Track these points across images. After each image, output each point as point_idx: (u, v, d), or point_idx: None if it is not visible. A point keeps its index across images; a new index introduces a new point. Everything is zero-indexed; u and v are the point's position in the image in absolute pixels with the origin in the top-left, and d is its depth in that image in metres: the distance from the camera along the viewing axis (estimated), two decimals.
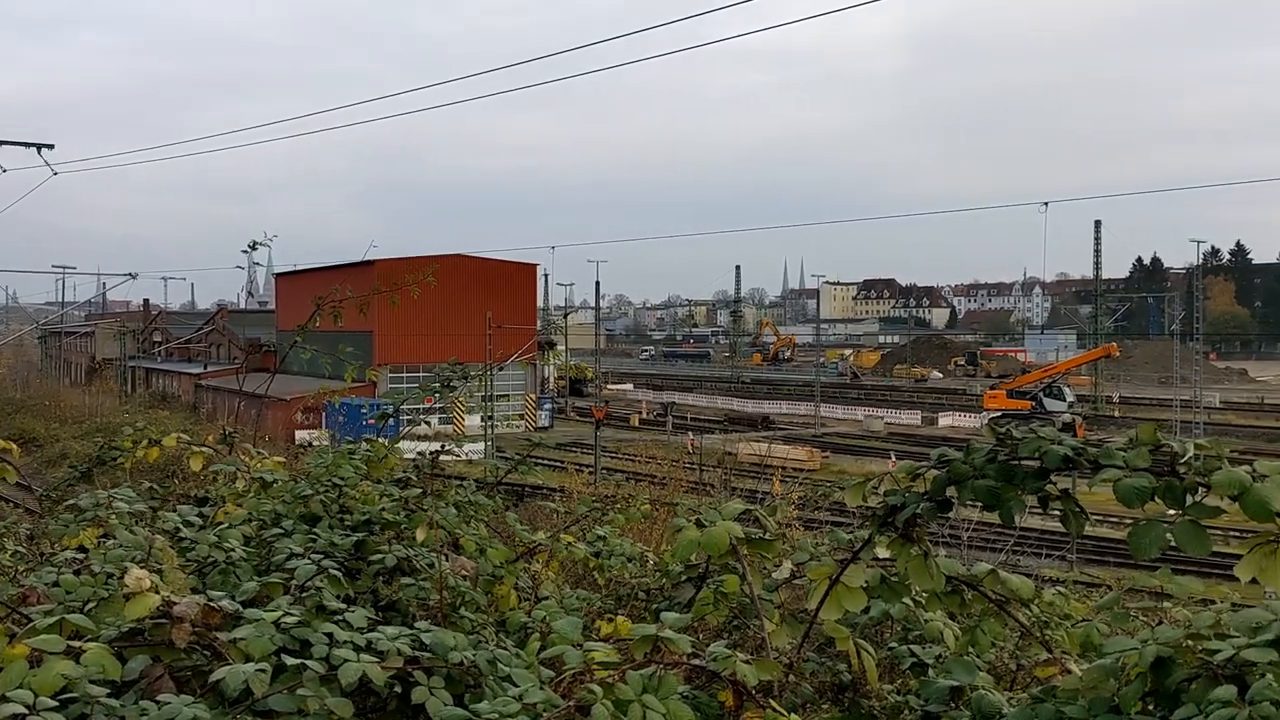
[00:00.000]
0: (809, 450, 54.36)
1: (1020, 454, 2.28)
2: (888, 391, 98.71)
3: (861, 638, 4.54)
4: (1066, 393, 71.05)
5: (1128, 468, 2.08)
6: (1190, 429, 47.36)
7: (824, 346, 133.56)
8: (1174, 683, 1.81)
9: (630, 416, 75.88)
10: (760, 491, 25.76)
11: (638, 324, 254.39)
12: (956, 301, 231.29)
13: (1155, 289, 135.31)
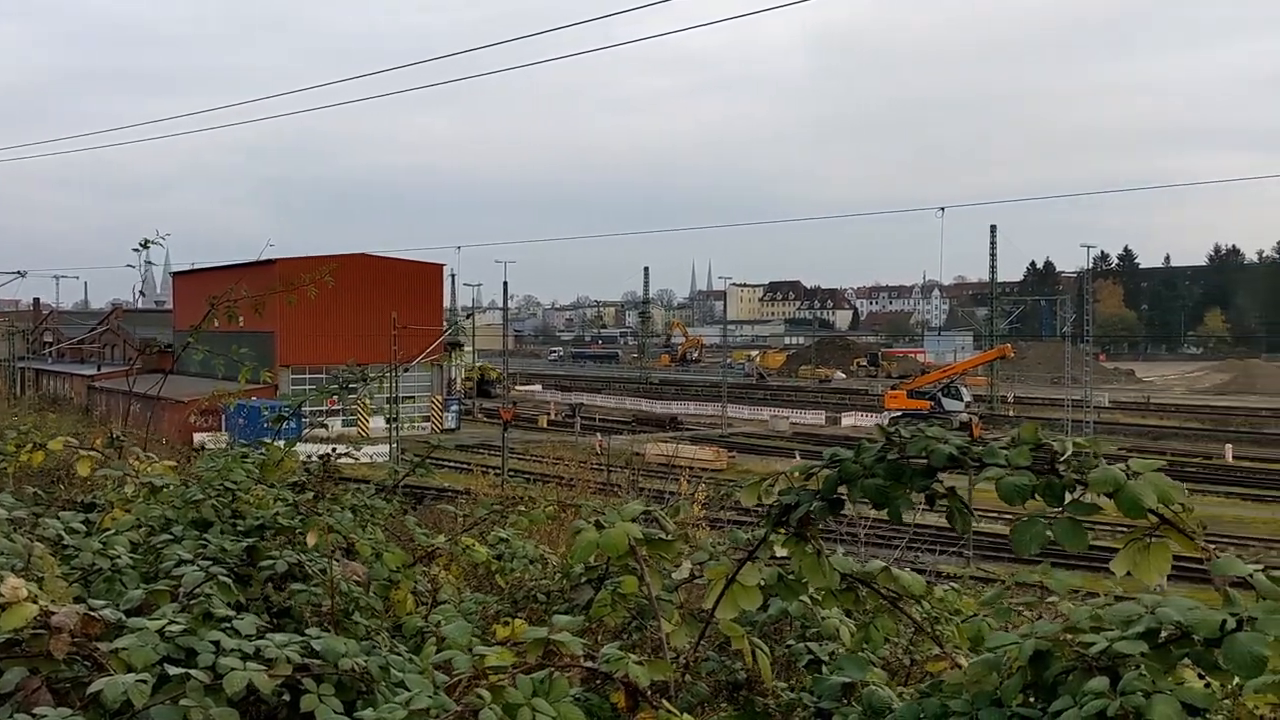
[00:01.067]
0: (716, 450, 54.81)
1: (908, 453, 2.32)
2: (793, 392, 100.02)
3: (761, 636, 4.59)
4: (964, 393, 72.89)
5: (1010, 466, 2.13)
6: (1081, 428, 48.96)
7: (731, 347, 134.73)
8: (1052, 675, 1.87)
9: (538, 418, 75.58)
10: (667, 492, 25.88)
11: (546, 325, 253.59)
12: (859, 304, 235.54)
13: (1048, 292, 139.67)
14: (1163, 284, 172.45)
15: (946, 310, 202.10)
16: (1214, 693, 1.80)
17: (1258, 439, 64.75)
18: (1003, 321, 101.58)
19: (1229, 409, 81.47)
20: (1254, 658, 1.64)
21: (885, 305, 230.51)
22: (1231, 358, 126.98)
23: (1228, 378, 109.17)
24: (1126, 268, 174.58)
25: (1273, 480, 49.86)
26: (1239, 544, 35.34)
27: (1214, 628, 1.70)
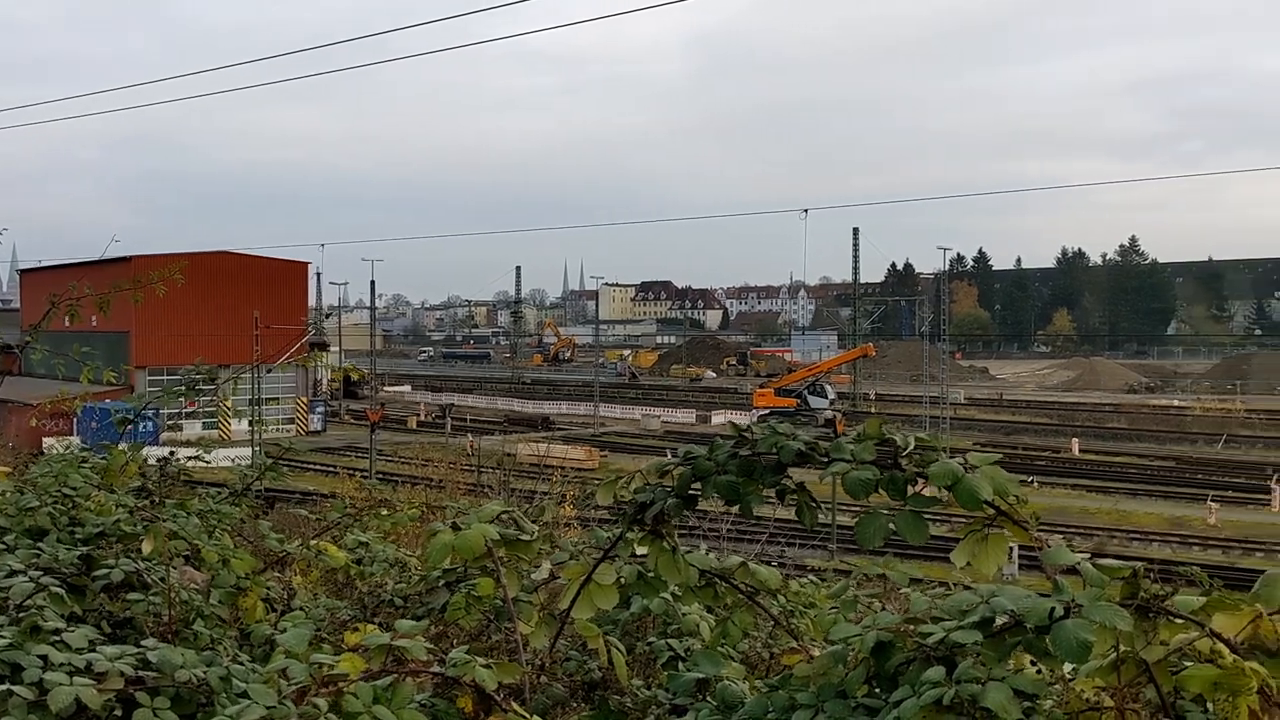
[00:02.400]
0: (588, 449, 54.91)
1: (759, 450, 2.35)
2: (665, 391, 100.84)
3: (624, 634, 4.60)
4: (829, 390, 74.74)
5: (855, 461, 2.17)
6: (938, 424, 50.72)
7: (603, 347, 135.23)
8: (893, 666, 1.91)
9: (408, 419, 74.43)
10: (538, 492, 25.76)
11: (416, 324, 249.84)
12: (729, 304, 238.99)
13: (908, 293, 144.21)
14: (1014, 285, 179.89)
15: (813, 310, 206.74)
16: (1045, 679, 1.86)
17: (1101, 433, 68.15)
18: (865, 321, 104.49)
19: (1075, 405, 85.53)
20: (1080, 643, 1.70)
21: (754, 305, 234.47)
22: (1077, 356, 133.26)
23: (1074, 375, 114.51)
24: (981, 269, 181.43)
25: (1114, 473, 52.52)
26: (1084, 533, 37.16)
27: (1043, 616, 1.76)
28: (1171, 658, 1.95)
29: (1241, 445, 63.29)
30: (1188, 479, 50.11)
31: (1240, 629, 1.84)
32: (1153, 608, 1.84)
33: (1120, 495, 45.91)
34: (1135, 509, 42.99)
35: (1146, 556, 30.71)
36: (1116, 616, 1.72)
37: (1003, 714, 1.68)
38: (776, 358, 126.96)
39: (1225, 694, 1.75)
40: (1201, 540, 36.31)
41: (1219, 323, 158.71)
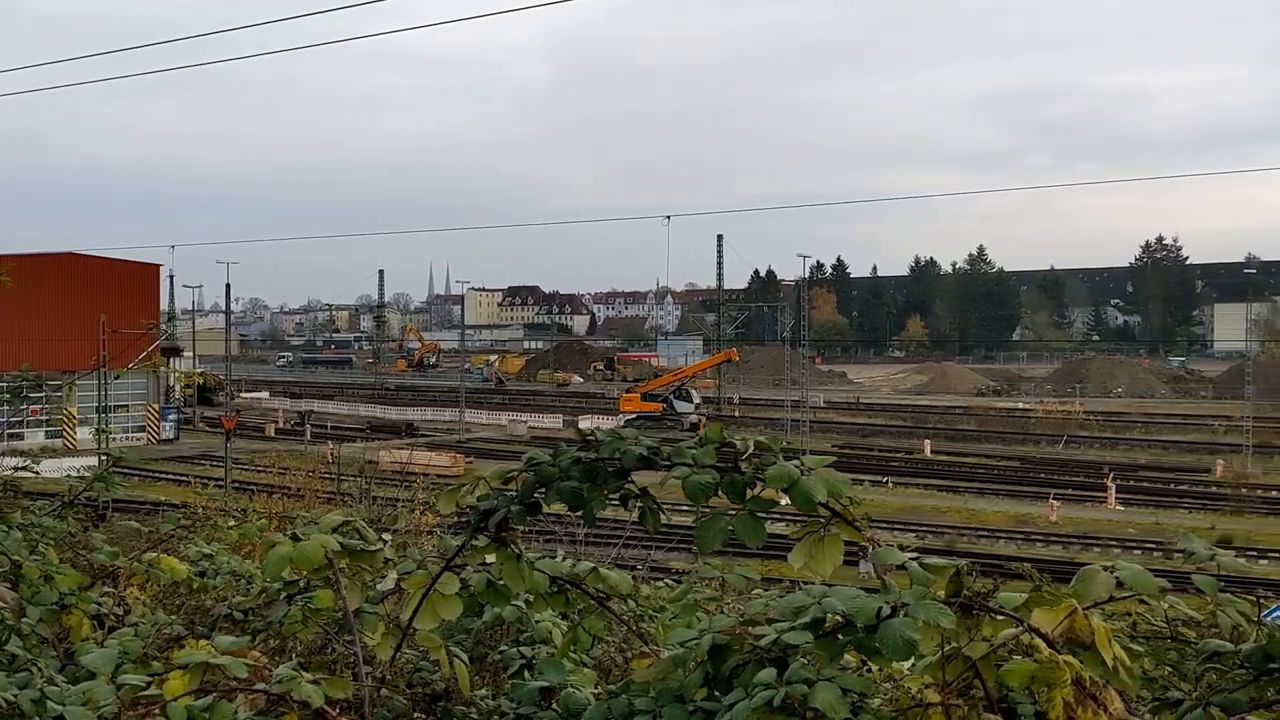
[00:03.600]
0: (453, 456, 54.24)
1: (602, 455, 2.34)
2: (532, 396, 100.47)
3: (476, 643, 4.53)
4: (694, 395, 75.73)
5: (696, 465, 2.18)
6: (799, 427, 51.85)
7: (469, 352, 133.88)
8: (729, 668, 1.92)
9: (266, 426, 72.29)
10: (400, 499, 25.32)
11: (275, 329, 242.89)
12: (596, 309, 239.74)
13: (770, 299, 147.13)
14: (871, 292, 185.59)
15: (679, 316, 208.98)
16: (873, 678, 1.90)
17: (951, 435, 70.81)
18: (729, 327, 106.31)
19: (927, 407, 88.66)
20: (905, 641, 1.74)
21: (621, 311, 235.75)
22: (930, 360, 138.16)
23: (926, 379, 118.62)
24: (839, 277, 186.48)
25: (964, 472, 54.61)
26: (936, 531, 38.51)
27: (871, 615, 1.79)
28: (1001, 651, 2.01)
29: (1080, 445, 66.57)
30: (1031, 478, 52.45)
31: (1057, 624, 1.91)
32: (975, 605, 1.89)
33: (969, 494, 47.75)
34: (983, 507, 44.77)
35: (993, 553, 32.03)
36: (940, 614, 1.77)
37: (831, 713, 1.71)
38: (643, 363, 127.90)
39: (1042, 687, 1.81)
40: (1044, 536, 38.03)
41: (1060, 329, 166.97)
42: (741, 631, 1.95)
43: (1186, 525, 39.36)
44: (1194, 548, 2.23)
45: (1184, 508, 44.89)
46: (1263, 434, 62.54)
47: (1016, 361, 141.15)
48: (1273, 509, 44.23)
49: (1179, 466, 57.33)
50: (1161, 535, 35.12)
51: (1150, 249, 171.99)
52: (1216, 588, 2.22)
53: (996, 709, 1.98)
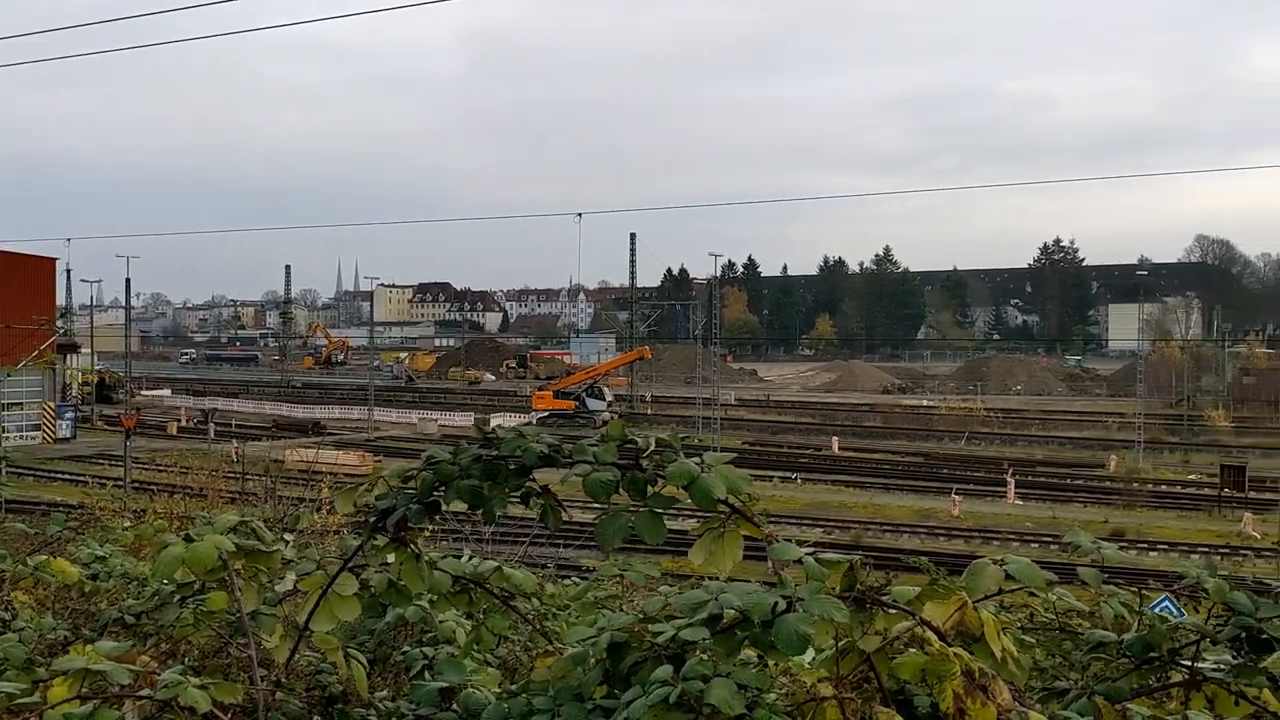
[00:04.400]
0: (361, 455, 53.45)
1: (503, 453, 2.32)
2: (443, 394, 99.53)
3: (379, 644, 4.46)
4: (606, 393, 75.81)
5: (597, 462, 2.18)
6: (710, 424, 52.24)
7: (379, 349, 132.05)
8: (627, 666, 1.92)
9: (167, 424, 70.45)
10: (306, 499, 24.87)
11: (178, 325, 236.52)
12: (509, 306, 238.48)
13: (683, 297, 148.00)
14: (781, 291, 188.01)
15: (592, 314, 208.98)
16: (770, 673, 1.91)
17: (858, 432, 72.07)
18: (642, 325, 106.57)
19: (835, 405, 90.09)
20: (800, 636, 1.76)
21: (534, 308, 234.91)
22: (838, 359, 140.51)
23: (834, 377, 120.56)
24: (750, 276, 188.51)
25: (870, 468, 55.65)
26: (842, 526, 39.17)
27: (767, 610, 1.81)
28: (897, 644, 2.05)
29: (981, 442, 68.30)
30: (934, 474, 53.64)
31: (948, 617, 1.95)
32: (869, 599, 1.92)
33: (875, 490, 48.66)
34: (889, 502, 45.65)
35: (897, 547, 32.70)
36: (834, 609, 1.79)
37: (725, 709, 1.72)
38: (556, 360, 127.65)
39: (933, 679, 1.85)
40: (946, 531, 38.92)
41: (963, 328, 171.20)
42: (640, 629, 1.95)
43: (1081, 519, 40.68)
44: (1080, 541, 2.30)
45: (1079, 502, 46.34)
46: (1153, 430, 64.96)
47: (921, 360, 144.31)
48: (1162, 503, 45.94)
49: (1075, 462, 59.19)
50: (1058, 529, 36.19)
51: (1048, 251, 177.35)
52: (1100, 580, 2.29)
53: (891, 701, 2.01)
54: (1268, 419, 64.63)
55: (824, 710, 1.85)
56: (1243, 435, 68.35)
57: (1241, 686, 2.26)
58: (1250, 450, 58.54)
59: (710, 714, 1.74)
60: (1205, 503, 45.44)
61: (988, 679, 1.94)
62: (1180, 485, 51.14)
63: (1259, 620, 2.19)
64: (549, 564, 15.25)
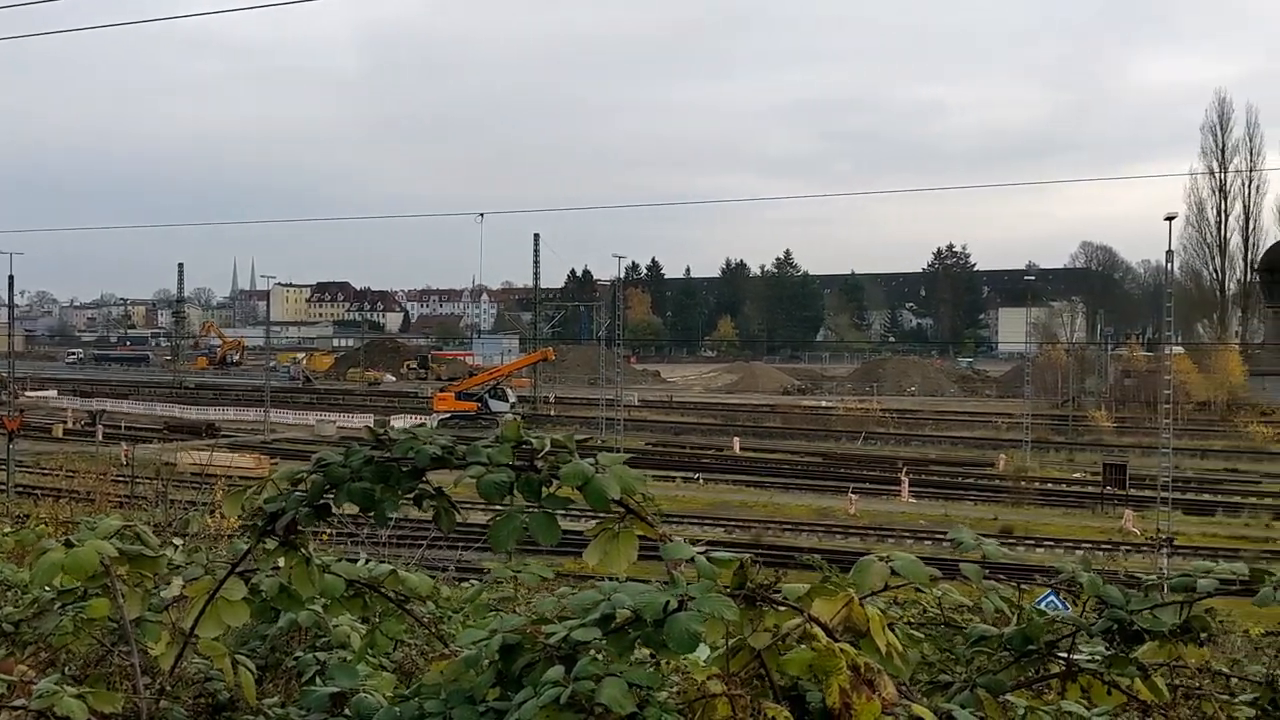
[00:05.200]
0: (256, 457, 52.22)
1: (395, 454, 2.30)
2: (341, 395, 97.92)
3: (272, 649, 4.36)
4: (509, 394, 75.44)
5: (491, 464, 2.17)
6: (614, 425, 52.35)
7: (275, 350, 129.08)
8: (519, 667, 1.92)
9: (53, 426, 67.88)
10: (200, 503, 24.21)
11: (64, 324, 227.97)
12: (410, 306, 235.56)
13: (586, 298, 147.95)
14: (684, 293, 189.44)
15: (495, 314, 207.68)
16: (662, 671, 1.93)
17: (759, 432, 73.01)
18: (546, 326, 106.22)
19: (737, 406, 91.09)
20: (690, 635, 1.78)
21: (436, 309, 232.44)
22: (739, 360, 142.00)
23: (736, 378, 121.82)
24: (654, 278, 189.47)
25: (770, 468, 56.42)
26: (743, 525, 39.62)
27: (659, 609, 1.83)
28: (790, 641, 2.08)
29: (877, 442, 69.76)
30: (832, 473, 54.63)
31: (835, 613, 2.00)
32: (758, 596, 1.95)
33: (775, 489, 49.33)
34: (788, 501, 46.32)
35: (796, 545, 33.19)
36: (724, 606, 1.82)
37: (616, 708, 1.73)
38: (458, 361, 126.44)
39: (820, 674, 1.89)
40: (843, 529, 39.66)
41: (860, 330, 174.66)
42: (533, 630, 1.96)
43: (972, 517, 41.85)
44: (962, 538, 2.37)
45: (970, 500, 47.66)
46: (1039, 430, 67.15)
47: (820, 361, 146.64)
48: (1048, 500, 47.52)
49: (966, 461, 60.85)
50: (949, 526, 37.00)
51: (941, 256, 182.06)
52: (981, 575, 2.36)
53: (781, 697, 2.05)
54: (1146, 419, 67.24)
55: (714, 707, 1.88)
56: (1123, 435, 71.03)
57: (1114, 677, 2.36)
58: (1130, 449, 60.84)
59: (601, 713, 1.75)
60: (1089, 500, 47.12)
61: (873, 673, 1.98)
62: (1065, 483, 52.95)
63: (1130, 613, 2.29)
64: (449, 566, 15.11)
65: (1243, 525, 40.70)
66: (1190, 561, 2.28)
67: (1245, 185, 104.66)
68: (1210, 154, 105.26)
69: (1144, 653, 2.36)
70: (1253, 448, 65.23)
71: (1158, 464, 38.95)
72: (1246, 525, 40.69)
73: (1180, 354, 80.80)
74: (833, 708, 1.85)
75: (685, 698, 1.92)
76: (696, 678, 2.02)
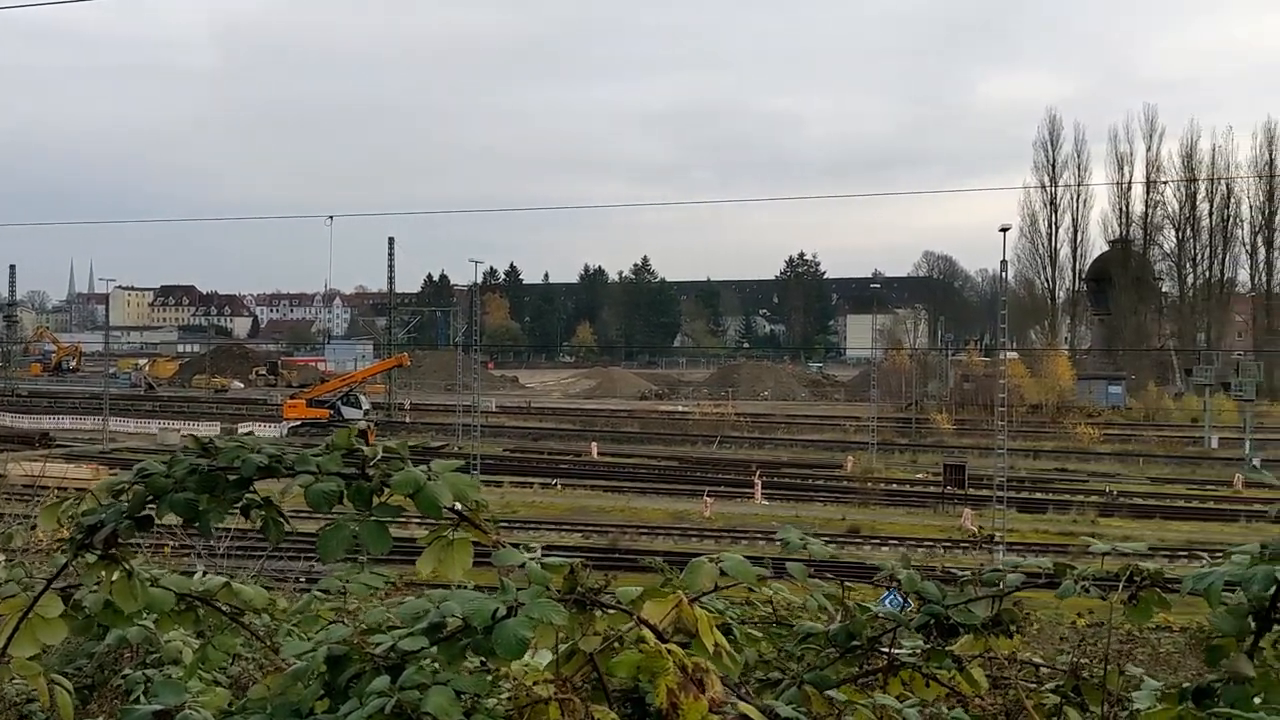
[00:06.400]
0: (94, 467, 49.74)
1: (220, 463, 2.24)
2: (187, 403, 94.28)
3: (99, 667, 4.19)
4: (363, 401, 73.80)
5: (320, 472, 2.13)
6: (470, 431, 51.86)
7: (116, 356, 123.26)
8: (346, 679, 1.89)
9: None
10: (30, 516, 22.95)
11: None
12: (259, 311, 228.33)
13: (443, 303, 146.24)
14: (542, 299, 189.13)
15: (348, 319, 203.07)
16: (494, 678, 1.94)
17: (617, 437, 73.44)
18: (401, 331, 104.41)
19: (595, 411, 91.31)
20: (518, 640, 1.79)
21: (287, 313, 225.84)
22: (598, 366, 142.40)
23: (594, 383, 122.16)
24: (512, 283, 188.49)
25: (627, 473, 56.78)
26: (600, 530, 39.76)
27: (487, 616, 1.83)
28: (625, 643, 2.11)
29: (732, 445, 71.00)
30: (688, 476, 55.35)
31: (665, 614, 2.04)
32: (589, 600, 1.98)
33: (632, 493, 49.66)
34: (645, 505, 46.69)
35: (652, 549, 33.46)
36: (553, 611, 1.83)
37: (442, 715, 1.72)
38: (310, 367, 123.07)
39: (647, 676, 1.92)
40: (699, 531, 40.20)
41: (716, 336, 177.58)
42: (360, 641, 1.93)
43: (821, 517, 43.01)
44: (789, 537, 2.45)
45: (820, 501, 48.97)
46: (885, 432, 69.43)
47: (677, 366, 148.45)
48: (893, 500, 49.22)
49: (816, 463, 62.49)
50: (800, 527, 37.90)
51: (794, 264, 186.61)
52: (805, 573, 2.45)
53: (625, 700, 2.08)
54: (984, 421, 70.26)
55: (547, 713, 1.89)
56: (963, 436, 74.07)
57: (932, 669, 2.47)
58: (969, 450, 63.46)
59: None
60: (930, 499, 48.98)
61: (703, 673, 2.03)
62: (909, 484, 54.92)
63: (946, 607, 2.40)
64: (295, 577, 14.73)
65: (1070, 522, 42.92)
66: (1025, 557, 2.41)
67: (1074, 199, 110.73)
68: (1042, 169, 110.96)
69: (960, 646, 2.48)
70: (1080, 448, 68.91)
71: (994, 464, 40.77)
72: (1074, 521, 42.92)
73: (1014, 359, 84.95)
74: (660, 708, 1.89)
75: (517, 703, 1.93)
76: (526, 683, 2.03)
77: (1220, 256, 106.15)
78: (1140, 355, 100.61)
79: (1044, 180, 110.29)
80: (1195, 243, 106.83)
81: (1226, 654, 2.13)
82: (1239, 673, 2.08)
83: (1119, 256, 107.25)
